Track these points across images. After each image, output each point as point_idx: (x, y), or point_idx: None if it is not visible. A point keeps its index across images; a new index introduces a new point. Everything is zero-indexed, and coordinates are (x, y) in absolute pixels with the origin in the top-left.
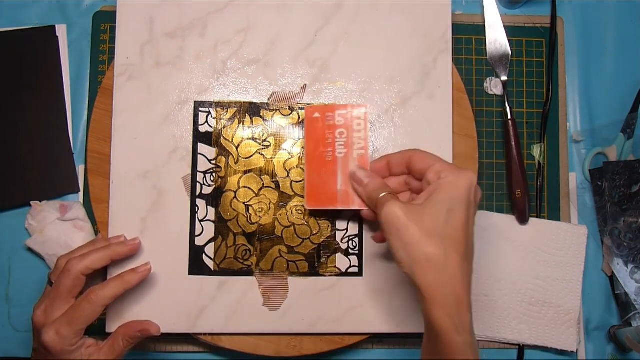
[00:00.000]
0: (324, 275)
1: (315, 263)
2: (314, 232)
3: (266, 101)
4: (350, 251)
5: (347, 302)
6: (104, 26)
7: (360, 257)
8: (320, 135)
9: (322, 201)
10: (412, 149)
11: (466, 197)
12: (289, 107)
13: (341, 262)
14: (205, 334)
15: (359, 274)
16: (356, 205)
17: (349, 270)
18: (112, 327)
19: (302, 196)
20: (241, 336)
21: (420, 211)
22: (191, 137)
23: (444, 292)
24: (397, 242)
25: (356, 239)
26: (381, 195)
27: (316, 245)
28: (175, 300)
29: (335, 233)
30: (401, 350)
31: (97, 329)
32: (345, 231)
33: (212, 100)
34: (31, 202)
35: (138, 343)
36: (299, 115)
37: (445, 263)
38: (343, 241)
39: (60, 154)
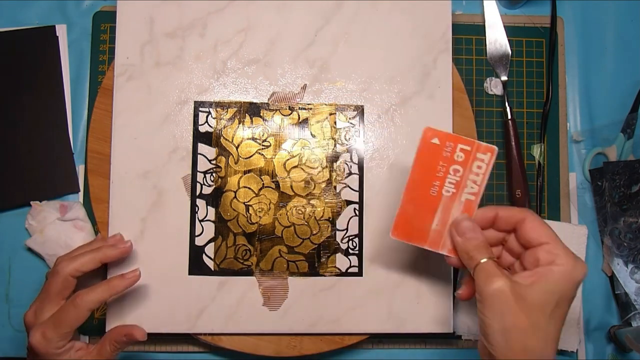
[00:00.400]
0: (324, 275)
1: (315, 263)
2: (314, 232)
3: (266, 101)
4: (350, 251)
5: (347, 302)
6: (104, 26)
7: (360, 257)
8: (432, 165)
9: (410, 235)
10: (524, 209)
11: (575, 292)
12: (289, 107)
13: (341, 262)
14: (205, 334)
15: (359, 274)
16: (445, 251)
17: (349, 270)
18: (112, 327)
19: (301, 196)
20: (241, 336)
21: (529, 297)
22: (191, 137)
23: None
24: (496, 324)
25: (356, 239)
26: (483, 261)
27: (316, 245)
28: (175, 300)
29: (335, 233)
30: (401, 350)
31: (97, 329)
32: (345, 231)
33: (212, 100)
34: (31, 202)
35: (136, 342)
36: (298, 115)
37: (541, 357)
38: (343, 241)
39: (60, 154)
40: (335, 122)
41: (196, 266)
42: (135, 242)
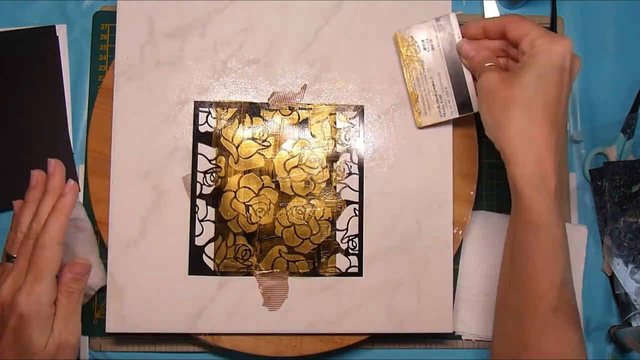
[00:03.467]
0: (324, 276)
1: (315, 263)
2: (314, 232)
3: (266, 101)
4: (350, 251)
5: (347, 302)
6: (104, 26)
7: (360, 257)
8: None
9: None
10: (508, 14)
11: (560, 63)
12: (289, 107)
13: (341, 262)
14: (205, 334)
15: (359, 274)
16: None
17: (349, 270)
18: (112, 327)
19: (301, 196)
20: (241, 336)
21: (512, 78)
22: (191, 137)
23: (525, 153)
24: (485, 107)
25: (356, 239)
26: (485, 65)
27: (316, 246)
28: (175, 300)
29: (335, 233)
30: (401, 350)
31: (97, 329)
32: (345, 231)
33: (212, 100)
34: None
35: (136, 342)
36: (299, 115)
37: (528, 126)
38: (343, 241)
39: (60, 154)
40: (335, 122)
41: (196, 266)
42: (135, 242)
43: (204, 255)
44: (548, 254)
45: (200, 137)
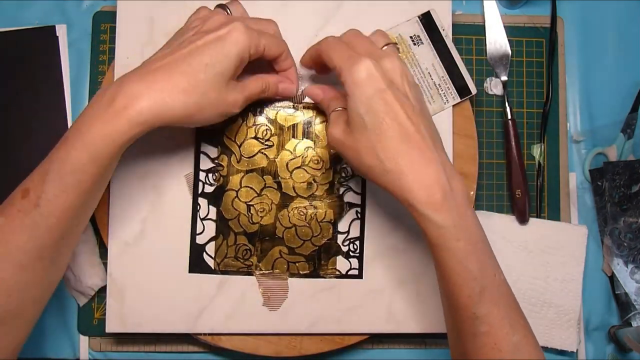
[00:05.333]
0: (324, 277)
1: (315, 264)
2: (315, 234)
3: (267, 102)
4: (351, 254)
5: (347, 302)
6: (104, 26)
7: (360, 259)
8: None
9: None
10: (324, 38)
11: (372, 92)
12: (293, 106)
13: (342, 264)
14: (205, 334)
15: (359, 276)
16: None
17: (349, 273)
18: (112, 327)
19: (303, 197)
20: (241, 336)
21: (349, 125)
22: (193, 136)
23: (402, 186)
24: (344, 156)
25: (357, 242)
26: (331, 112)
27: (317, 247)
28: (175, 299)
29: (337, 235)
30: (401, 350)
31: (97, 329)
32: (347, 234)
33: None
34: None
35: (136, 342)
36: (303, 115)
37: (390, 164)
38: (344, 243)
39: None
40: None
41: (197, 264)
42: (136, 242)
43: (204, 253)
44: (455, 270)
45: (202, 136)
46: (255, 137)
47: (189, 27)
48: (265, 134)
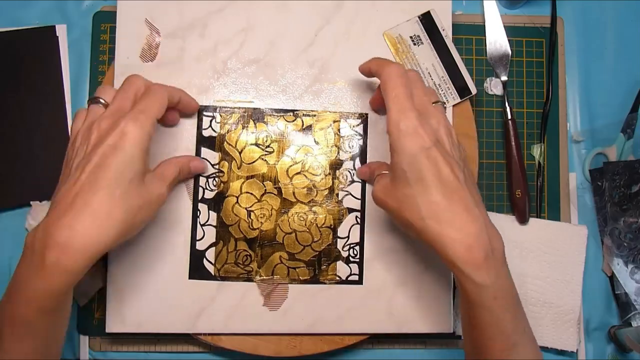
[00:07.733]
0: (324, 283)
1: (315, 270)
2: (315, 240)
3: (268, 104)
4: (351, 259)
5: (347, 302)
6: (104, 26)
7: (360, 265)
8: None
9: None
10: (387, 62)
11: (417, 149)
12: (293, 113)
13: (342, 270)
14: (205, 334)
15: (359, 282)
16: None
17: (349, 278)
18: (112, 327)
19: (303, 202)
20: (241, 336)
21: (391, 183)
22: (194, 141)
23: (444, 241)
24: (390, 214)
25: (357, 247)
26: (376, 175)
27: (317, 253)
28: (175, 301)
29: (337, 241)
30: (401, 350)
31: (97, 329)
32: (347, 239)
33: (216, 105)
34: (31, 202)
35: (136, 342)
36: (302, 122)
37: (432, 222)
38: (344, 249)
39: (60, 154)
40: (339, 130)
41: (196, 270)
42: (136, 243)
43: (204, 259)
44: (490, 326)
45: (203, 141)
46: (256, 144)
47: (75, 146)
48: (266, 141)
